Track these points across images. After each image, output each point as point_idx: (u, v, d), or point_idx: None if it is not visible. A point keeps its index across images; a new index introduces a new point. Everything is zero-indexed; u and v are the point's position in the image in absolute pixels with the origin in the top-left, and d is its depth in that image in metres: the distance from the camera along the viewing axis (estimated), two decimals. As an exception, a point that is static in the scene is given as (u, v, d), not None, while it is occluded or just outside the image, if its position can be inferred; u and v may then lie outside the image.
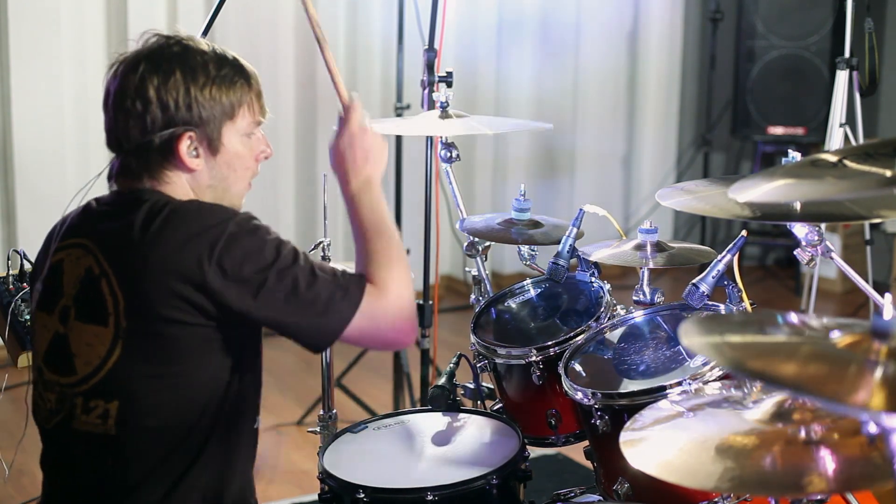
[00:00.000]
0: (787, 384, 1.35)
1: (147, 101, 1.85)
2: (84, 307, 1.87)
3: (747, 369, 1.39)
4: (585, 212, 2.68)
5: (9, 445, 2.65)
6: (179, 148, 1.88)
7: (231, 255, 1.80)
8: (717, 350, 1.47)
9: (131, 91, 1.86)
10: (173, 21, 4.82)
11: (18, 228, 4.64)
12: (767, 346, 1.47)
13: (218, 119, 1.90)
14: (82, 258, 1.89)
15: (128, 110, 1.86)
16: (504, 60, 5.78)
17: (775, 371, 1.36)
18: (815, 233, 2.31)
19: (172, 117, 1.86)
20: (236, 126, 1.93)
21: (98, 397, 1.85)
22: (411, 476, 2.31)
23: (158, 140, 1.87)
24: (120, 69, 1.89)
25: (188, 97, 1.86)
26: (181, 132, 1.87)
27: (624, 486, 2.27)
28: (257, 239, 1.83)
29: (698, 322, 1.55)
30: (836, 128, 4.47)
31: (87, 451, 1.88)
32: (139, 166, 1.89)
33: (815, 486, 1.58)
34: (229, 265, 1.79)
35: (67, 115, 4.65)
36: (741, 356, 1.43)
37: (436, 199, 3.81)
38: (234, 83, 1.92)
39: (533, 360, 2.50)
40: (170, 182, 1.91)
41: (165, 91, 1.85)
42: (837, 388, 1.31)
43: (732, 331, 1.54)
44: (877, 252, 4.94)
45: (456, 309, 5.35)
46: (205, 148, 1.90)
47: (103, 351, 1.84)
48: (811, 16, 5.81)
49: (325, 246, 2.69)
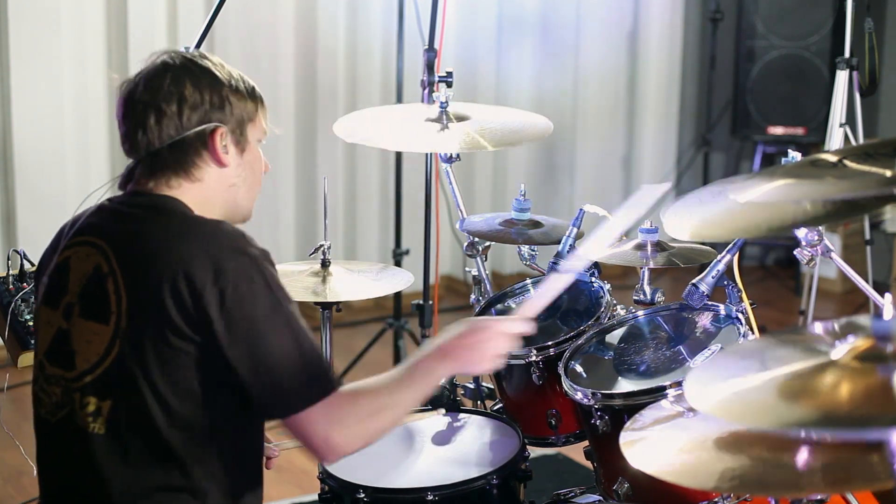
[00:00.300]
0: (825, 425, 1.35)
1: (183, 98, 1.91)
2: (88, 304, 1.88)
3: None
4: (585, 212, 2.68)
5: (9, 445, 2.65)
6: (215, 141, 1.93)
7: (235, 287, 1.81)
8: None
9: (165, 92, 1.91)
10: (173, 21, 4.81)
11: (18, 228, 4.63)
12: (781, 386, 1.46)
13: (245, 120, 1.98)
14: (92, 256, 1.90)
15: (161, 110, 1.90)
16: (504, 60, 5.78)
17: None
18: (815, 233, 2.31)
19: (207, 113, 1.92)
20: (255, 130, 2.00)
21: (92, 394, 1.86)
22: (411, 476, 2.31)
23: (194, 135, 1.92)
24: (142, 77, 1.94)
25: (221, 96, 1.94)
26: (215, 126, 1.93)
27: (624, 486, 2.27)
28: (266, 282, 1.85)
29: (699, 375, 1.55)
30: (836, 128, 4.47)
31: (82, 448, 1.89)
32: (173, 162, 1.92)
33: (815, 486, 1.58)
34: (229, 296, 1.81)
35: (67, 115, 4.65)
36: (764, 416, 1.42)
37: (436, 199, 3.81)
38: (252, 95, 2.00)
39: (533, 360, 2.50)
40: (200, 179, 1.94)
41: (199, 91, 1.92)
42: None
43: (736, 373, 1.53)
44: (877, 252, 4.94)
45: (456, 309, 5.35)
46: (234, 144, 1.97)
47: (102, 349, 1.85)
48: (811, 16, 5.81)
49: (326, 249, 2.70)
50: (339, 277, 2.67)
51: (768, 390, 1.46)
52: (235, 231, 1.90)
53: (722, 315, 2.42)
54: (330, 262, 2.70)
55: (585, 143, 6.07)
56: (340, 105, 5.30)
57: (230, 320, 1.81)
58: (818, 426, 1.38)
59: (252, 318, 1.82)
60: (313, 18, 5.18)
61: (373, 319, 5.12)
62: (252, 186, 2.02)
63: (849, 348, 1.44)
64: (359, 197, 5.46)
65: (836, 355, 1.45)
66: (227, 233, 1.89)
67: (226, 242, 1.86)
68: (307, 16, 5.17)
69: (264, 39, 5.05)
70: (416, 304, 3.65)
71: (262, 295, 1.83)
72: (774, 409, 1.43)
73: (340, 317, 2.51)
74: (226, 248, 1.84)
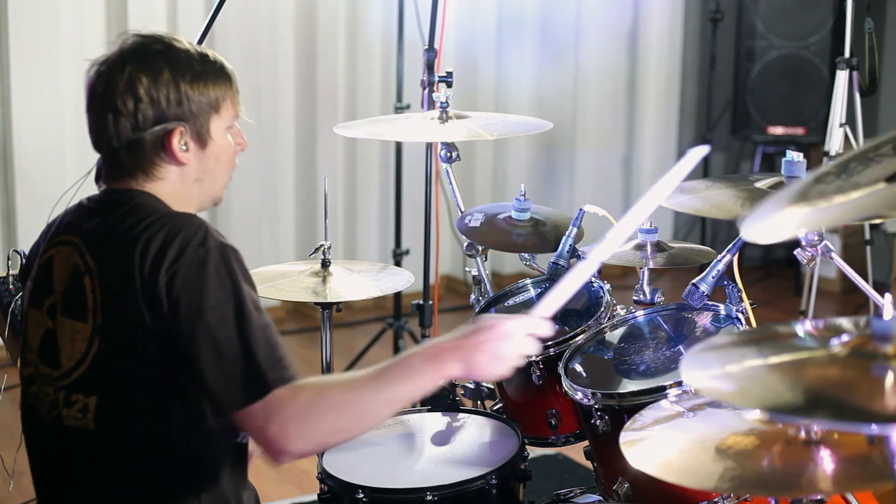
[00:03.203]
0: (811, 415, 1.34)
1: (138, 98, 1.87)
2: (69, 303, 1.89)
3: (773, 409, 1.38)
4: (585, 212, 2.68)
5: (9, 445, 2.65)
6: (171, 143, 1.90)
7: (185, 276, 1.78)
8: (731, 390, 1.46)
9: (121, 89, 1.87)
10: (173, 21, 4.82)
11: (18, 228, 4.64)
12: (775, 372, 1.46)
13: (206, 113, 1.92)
14: (71, 255, 1.91)
15: (117, 109, 1.87)
16: (504, 60, 5.78)
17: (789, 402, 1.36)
18: (815, 233, 2.31)
19: (163, 113, 1.88)
20: (221, 119, 1.95)
21: (79, 391, 1.87)
22: (411, 476, 2.31)
23: (151, 136, 1.88)
24: (103, 69, 1.90)
25: (178, 93, 1.88)
26: (172, 127, 1.89)
27: (624, 486, 2.27)
28: (217, 273, 1.80)
29: (696, 358, 1.54)
30: (836, 128, 4.48)
31: (68, 446, 1.90)
32: (131, 163, 1.90)
33: (815, 486, 1.58)
34: (178, 283, 1.78)
35: (67, 115, 4.65)
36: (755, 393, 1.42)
37: (436, 199, 3.81)
38: (217, 78, 1.94)
39: (533, 360, 2.50)
40: (161, 178, 1.92)
41: (156, 88, 1.87)
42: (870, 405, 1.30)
43: (732, 359, 1.53)
44: (877, 252, 4.94)
45: (456, 309, 5.35)
46: (194, 141, 1.92)
47: (84, 346, 1.86)
48: (811, 16, 5.81)
49: (326, 249, 2.70)
50: (340, 277, 2.67)
51: (758, 374, 1.47)
52: (199, 223, 1.86)
53: (722, 315, 2.42)
54: (330, 262, 2.70)
55: (585, 143, 6.07)
56: (340, 105, 5.31)
57: (176, 308, 1.78)
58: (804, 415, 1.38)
59: (198, 307, 1.77)
60: (313, 18, 5.18)
61: (373, 319, 5.13)
62: (221, 175, 1.98)
63: (845, 343, 1.44)
64: (359, 197, 5.47)
65: (832, 348, 1.45)
66: (189, 224, 1.85)
67: (186, 234, 1.82)
68: (307, 16, 5.17)
69: (264, 39, 5.05)
70: (416, 304, 3.65)
71: (213, 286, 1.79)
72: (764, 393, 1.43)
73: (340, 317, 2.51)
74: (185, 239, 1.81)
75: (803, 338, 1.54)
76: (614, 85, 6.12)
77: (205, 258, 1.80)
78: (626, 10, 6.07)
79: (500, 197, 5.81)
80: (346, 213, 5.45)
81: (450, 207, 4.92)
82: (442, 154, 2.98)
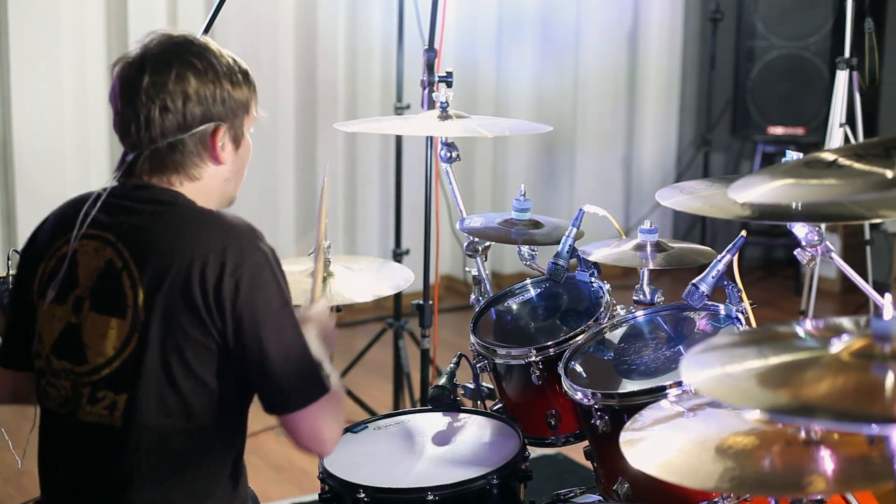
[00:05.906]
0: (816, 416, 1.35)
1: (187, 96, 1.90)
2: (101, 299, 1.89)
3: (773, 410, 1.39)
4: (585, 212, 2.68)
5: (9, 446, 2.64)
6: (215, 141, 1.94)
7: (251, 280, 1.85)
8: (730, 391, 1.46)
9: (170, 87, 1.90)
10: (173, 21, 4.81)
11: (18, 228, 4.63)
12: (774, 373, 1.46)
13: (241, 113, 1.98)
14: (101, 250, 1.90)
15: (165, 106, 1.90)
16: (504, 60, 5.78)
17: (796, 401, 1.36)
18: (815, 233, 2.31)
19: (209, 111, 1.92)
20: (249, 119, 2.01)
21: (107, 388, 1.87)
22: (411, 476, 2.31)
23: (198, 134, 1.92)
24: (145, 65, 1.92)
25: (222, 92, 1.93)
26: (216, 126, 1.93)
27: (624, 486, 2.27)
28: (275, 279, 1.90)
29: (696, 358, 1.55)
30: (836, 128, 4.48)
31: (89, 442, 1.90)
32: (171, 160, 1.92)
33: (815, 486, 1.58)
34: (244, 288, 1.84)
35: (67, 115, 4.65)
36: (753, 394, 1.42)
37: (436, 199, 3.81)
38: (246, 79, 2.00)
39: (533, 360, 2.50)
40: (199, 177, 1.95)
41: (203, 87, 1.92)
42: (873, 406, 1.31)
43: (732, 359, 1.53)
44: (877, 252, 4.94)
45: (456, 309, 5.35)
46: (231, 141, 1.97)
47: (117, 343, 1.86)
48: (811, 16, 5.81)
49: (326, 249, 2.69)
50: (340, 278, 2.67)
51: (758, 375, 1.47)
52: (248, 225, 1.92)
53: (722, 315, 2.42)
54: (330, 262, 2.69)
55: (585, 143, 6.08)
56: (340, 105, 5.31)
57: (242, 313, 1.84)
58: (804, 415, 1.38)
59: (264, 312, 1.85)
60: (313, 18, 5.18)
61: (373, 319, 5.12)
62: (243, 175, 2.05)
63: (845, 343, 1.44)
64: (359, 197, 5.47)
65: (832, 349, 1.45)
66: (241, 227, 1.91)
67: (241, 236, 1.88)
68: (307, 16, 5.17)
69: (264, 39, 5.05)
70: (416, 304, 3.65)
71: (273, 291, 1.87)
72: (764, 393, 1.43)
73: (340, 317, 2.51)
74: (241, 242, 1.87)
75: (803, 338, 1.54)
76: (614, 85, 6.12)
77: (264, 264, 1.88)
78: (626, 10, 6.08)
79: (500, 197, 5.82)
80: (346, 213, 5.45)
81: (450, 207, 4.92)
82: (442, 154, 2.98)
